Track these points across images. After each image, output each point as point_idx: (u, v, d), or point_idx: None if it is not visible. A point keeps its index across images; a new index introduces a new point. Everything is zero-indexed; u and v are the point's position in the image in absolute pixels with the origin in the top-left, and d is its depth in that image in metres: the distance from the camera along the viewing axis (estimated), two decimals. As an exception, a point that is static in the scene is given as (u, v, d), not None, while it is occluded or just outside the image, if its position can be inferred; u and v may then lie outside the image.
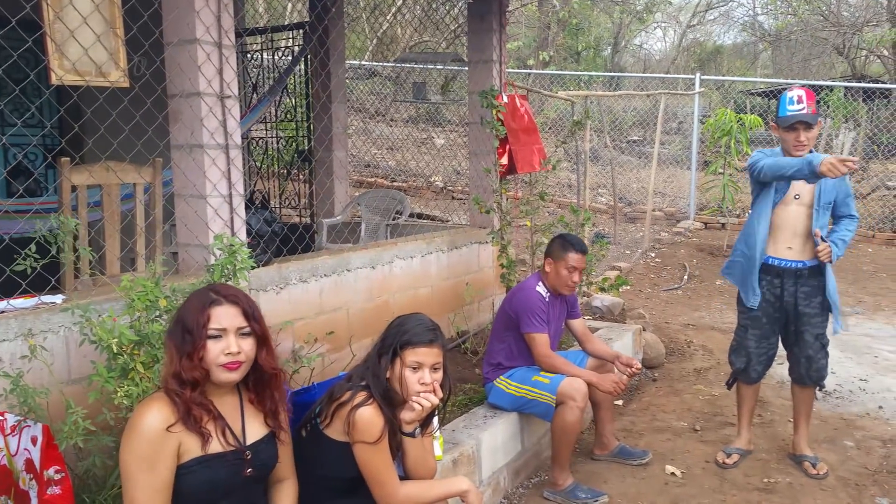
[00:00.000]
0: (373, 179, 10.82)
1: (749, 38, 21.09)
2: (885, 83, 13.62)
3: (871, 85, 12.83)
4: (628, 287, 6.85)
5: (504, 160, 4.89)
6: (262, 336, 1.84)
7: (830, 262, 3.24)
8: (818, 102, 14.13)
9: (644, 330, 5.05)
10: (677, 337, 5.50)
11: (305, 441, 2.13)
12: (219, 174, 2.93)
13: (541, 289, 3.35)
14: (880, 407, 4.18)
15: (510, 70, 13.17)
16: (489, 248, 4.85)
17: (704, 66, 18.99)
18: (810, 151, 3.27)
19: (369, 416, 2.00)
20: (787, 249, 3.29)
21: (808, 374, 3.38)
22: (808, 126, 3.16)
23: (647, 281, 7.36)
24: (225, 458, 1.76)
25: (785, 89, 3.29)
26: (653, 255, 8.25)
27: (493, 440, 3.09)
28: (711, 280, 7.32)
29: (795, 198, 3.28)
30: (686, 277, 7.37)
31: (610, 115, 12.44)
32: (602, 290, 4.85)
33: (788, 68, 18.66)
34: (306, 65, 5.86)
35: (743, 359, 3.47)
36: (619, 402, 4.25)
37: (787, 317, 3.36)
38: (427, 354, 2.07)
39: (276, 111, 6.42)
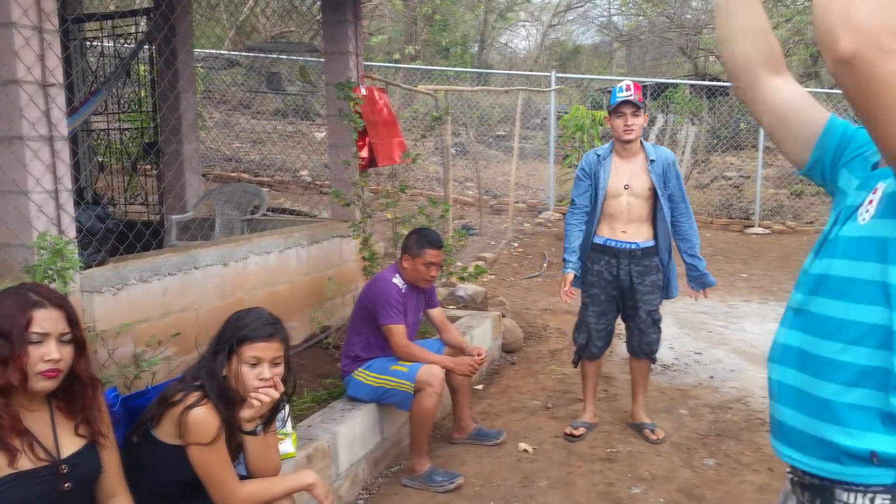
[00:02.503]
0: (234, 174, 10.44)
1: (605, 38, 22.35)
2: (725, 82, 14.86)
3: (712, 83, 13.96)
4: (491, 276, 7.08)
5: (364, 153, 4.89)
6: (81, 343, 1.74)
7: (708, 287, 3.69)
8: (666, 99, 15.07)
9: (503, 316, 5.24)
10: (535, 321, 5.75)
11: (137, 447, 2.04)
12: (42, 168, 2.72)
13: (397, 280, 3.40)
14: (711, 377, 4.60)
15: (379, 64, 13.14)
16: (352, 242, 4.83)
17: (565, 64, 19.92)
18: (641, 144, 3.56)
19: (202, 417, 1.94)
20: (622, 233, 3.57)
21: (640, 346, 3.67)
22: (635, 109, 3.44)
23: (510, 270, 7.63)
24: (37, 475, 1.64)
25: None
26: (516, 245, 8.56)
27: (351, 432, 3.10)
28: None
29: (626, 188, 3.54)
30: (545, 265, 7.71)
31: (477, 110, 12.74)
32: (461, 279, 4.98)
33: (640, 67, 19.94)
34: (154, 53, 5.56)
35: (584, 335, 3.71)
36: (479, 387, 4.40)
37: (623, 294, 3.63)
38: (266, 349, 2.04)
39: (119, 101, 6.04)
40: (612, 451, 3.56)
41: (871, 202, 1.22)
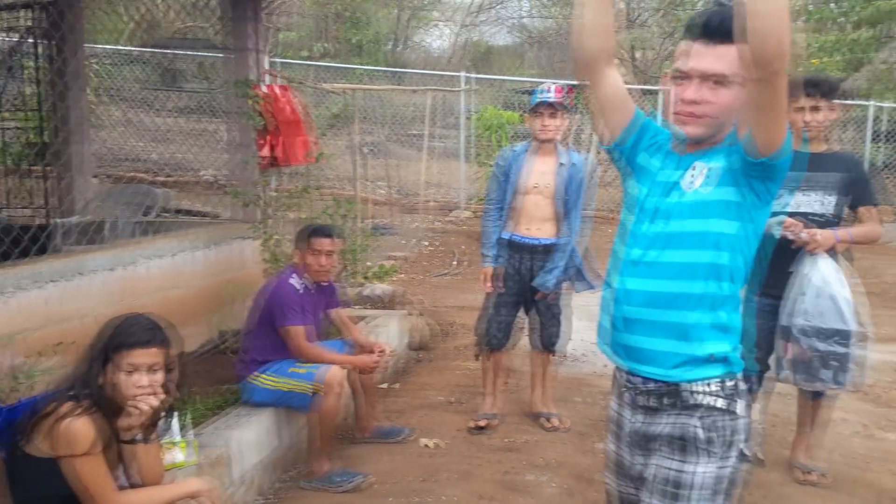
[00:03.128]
0: (132, 174, 9.98)
1: (517, 39, 22.74)
2: (632, 84, 15.39)
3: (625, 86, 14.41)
4: (402, 275, 7.11)
5: (265, 152, 4.81)
6: None
7: None
8: (574, 99, 15.48)
9: (413, 315, 5.28)
10: (446, 319, 5.82)
11: (13, 462, 1.95)
12: None
13: (294, 281, 3.36)
14: (605, 365, 4.77)
15: (290, 61, 12.90)
16: (254, 244, 4.74)
17: (479, 64, 20.14)
18: (557, 146, 3.66)
19: (75, 428, 1.87)
20: (526, 230, 3.69)
21: (541, 339, 3.79)
22: (553, 111, 3.55)
23: (421, 268, 7.68)
24: None
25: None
26: (426, 244, 8.63)
27: (246, 438, 3.05)
28: (479, 265, 7.82)
29: (534, 187, 3.65)
30: (455, 263, 7.80)
31: (390, 109, 12.72)
32: (364, 277, 4.98)
33: (550, 68, 20.41)
34: (44, 48, 5.26)
35: (485, 326, 3.80)
36: (387, 385, 4.41)
37: (526, 288, 3.73)
38: (142, 356, 1.99)
39: (0, 98, 5.69)
40: (513, 440, 3.66)
41: (692, 176, 1.62)
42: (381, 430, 3.67)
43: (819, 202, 3.05)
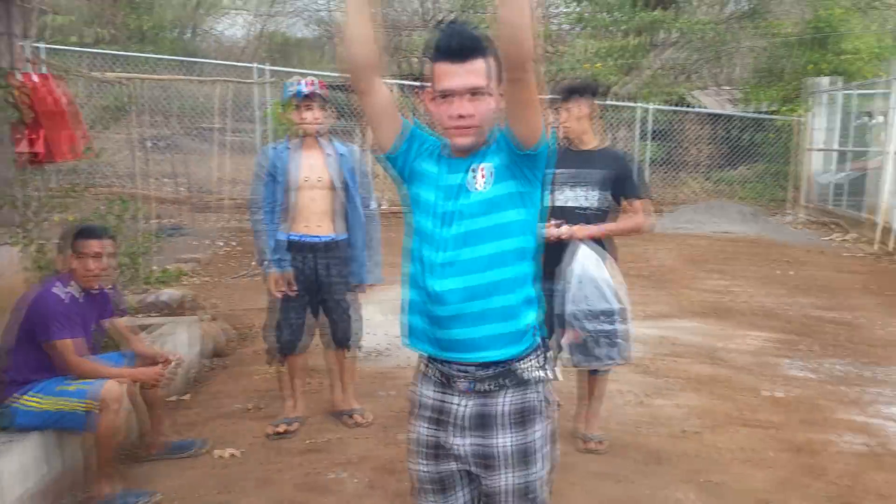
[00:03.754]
0: None
1: (316, 32, 22.43)
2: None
3: (414, 83, 14.78)
4: (194, 279, 6.70)
5: (24, 147, 4.26)
6: None
7: None
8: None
9: (205, 320, 4.98)
10: (243, 322, 5.58)
11: None
12: None
13: (58, 290, 3.02)
14: (409, 357, 4.87)
15: (62, 48, 11.52)
16: (13, 251, 4.17)
17: (277, 56, 19.53)
18: (318, 137, 3.59)
19: None
20: (305, 227, 3.59)
21: (336, 337, 3.75)
22: (309, 103, 3.50)
23: (217, 270, 7.30)
24: None
25: None
26: (221, 244, 8.22)
27: (9, 468, 2.69)
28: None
29: (305, 180, 3.56)
30: (254, 264, 7.51)
31: (182, 101, 11.91)
32: (147, 283, 4.62)
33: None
34: None
35: (276, 330, 3.69)
36: (183, 397, 4.13)
37: (313, 287, 3.65)
38: None
39: None
40: (314, 441, 3.60)
41: (482, 176, 1.76)
42: (171, 446, 3.42)
43: (584, 196, 3.30)
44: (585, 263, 3.15)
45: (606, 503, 3.06)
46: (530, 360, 1.81)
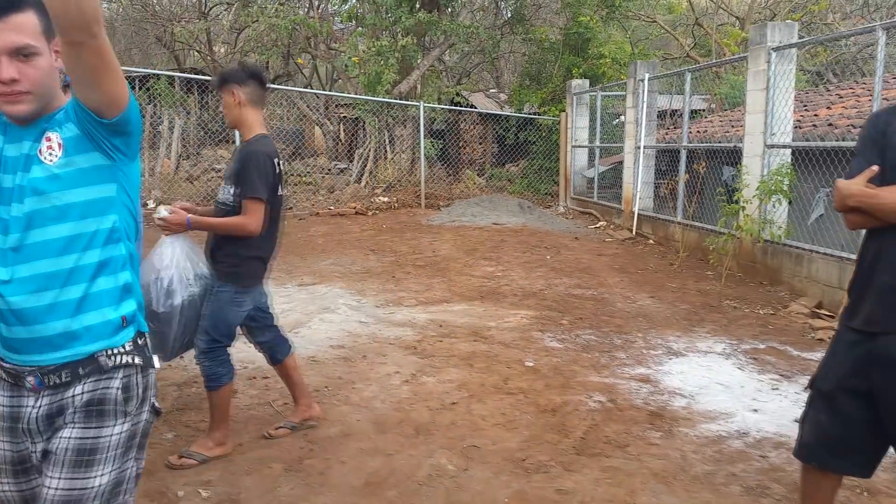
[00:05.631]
0: None
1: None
2: (208, 76, 15.10)
3: (198, 77, 13.97)
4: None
5: None
6: None
7: None
8: (150, 91, 14.52)
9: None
10: None
11: None
12: None
13: None
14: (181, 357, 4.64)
15: None
16: None
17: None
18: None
19: None
20: None
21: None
22: None
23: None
24: None
25: None
26: None
27: None
28: None
29: None
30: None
31: None
32: None
33: (117, 55, 18.78)
34: None
35: None
36: None
37: None
38: None
39: None
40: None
41: (50, 148, 1.54)
42: None
43: (227, 191, 3.22)
44: (167, 257, 3.00)
45: (372, 475, 3.17)
46: (123, 347, 1.63)
